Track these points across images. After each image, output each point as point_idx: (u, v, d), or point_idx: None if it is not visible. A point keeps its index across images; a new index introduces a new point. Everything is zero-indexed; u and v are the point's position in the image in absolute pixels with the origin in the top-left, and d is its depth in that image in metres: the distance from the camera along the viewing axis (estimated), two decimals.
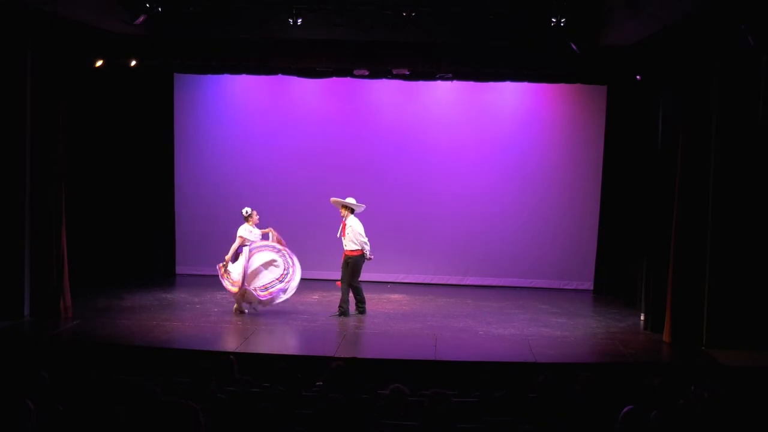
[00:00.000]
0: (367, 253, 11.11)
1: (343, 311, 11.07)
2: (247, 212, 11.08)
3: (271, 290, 10.96)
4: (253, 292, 10.87)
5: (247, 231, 11.01)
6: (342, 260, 11.25)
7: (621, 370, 8.86)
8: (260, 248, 11.05)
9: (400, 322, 11.02)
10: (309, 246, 13.10)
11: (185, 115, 13.92)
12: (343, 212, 11.21)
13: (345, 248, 11.17)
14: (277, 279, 10.99)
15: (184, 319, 10.80)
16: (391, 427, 5.02)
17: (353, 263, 11.13)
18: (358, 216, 11.26)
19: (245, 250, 10.92)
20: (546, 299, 12.73)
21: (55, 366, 6.80)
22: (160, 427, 4.35)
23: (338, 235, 11.24)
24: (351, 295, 11.25)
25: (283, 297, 11.05)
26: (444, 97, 13.65)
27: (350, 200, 11.25)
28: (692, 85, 9.91)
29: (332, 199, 11.39)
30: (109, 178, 13.38)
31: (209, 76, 13.30)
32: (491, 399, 6.12)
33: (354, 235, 11.06)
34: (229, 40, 11.14)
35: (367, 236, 11.23)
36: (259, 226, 11.16)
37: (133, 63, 11.43)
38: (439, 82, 12.86)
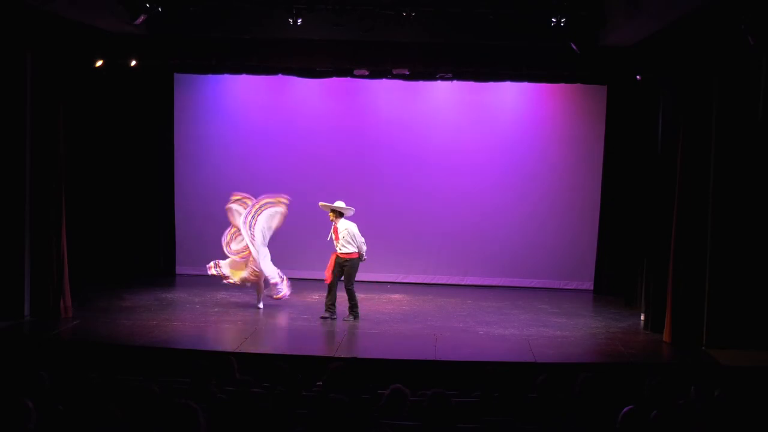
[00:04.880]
0: (364, 254, 10.97)
1: (354, 314, 10.97)
2: None
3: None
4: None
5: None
6: (331, 260, 11.01)
7: (621, 370, 8.86)
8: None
9: (400, 322, 11.02)
10: (308, 246, 13.11)
11: (185, 115, 13.91)
12: (332, 216, 10.98)
13: (338, 251, 10.94)
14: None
15: (184, 319, 10.81)
16: (391, 427, 5.02)
17: (349, 267, 10.90)
18: (350, 218, 11.06)
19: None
20: (546, 299, 12.73)
21: (55, 366, 6.80)
22: (160, 427, 4.36)
23: (329, 238, 11.04)
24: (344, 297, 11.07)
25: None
26: (444, 97, 13.65)
27: (339, 204, 11.01)
28: (692, 85, 9.92)
29: (321, 203, 11.25)
30: (110, 178, 13.39)
31: (209, 76, 13.29)
32: (491, 399, 6.11)
33: (350, 237, 10.85)
34: (229, 40, 11.15)
35: (366, 236, 11.15)
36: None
37: (133, 63, 11.43)
38: (439, 82, 12.86)
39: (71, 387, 5.82)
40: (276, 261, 11.45)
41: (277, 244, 11.68)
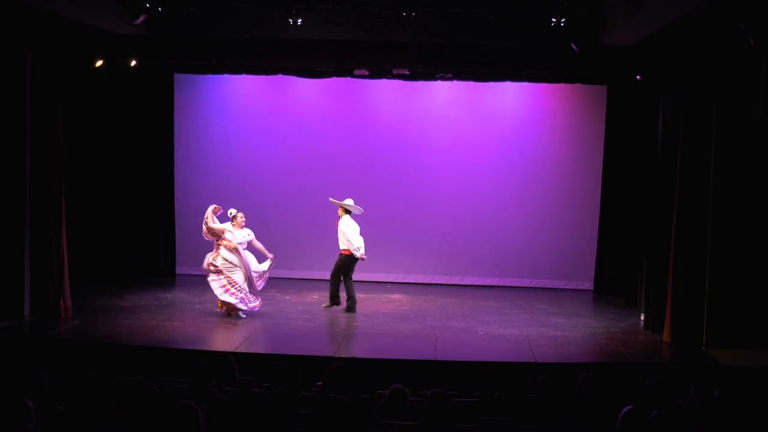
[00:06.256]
0: (357, 253, 11.24)
1: (350, 306, 11.36)
2: (231, 213, 10.94)
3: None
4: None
5: (229, 228, 10.91)
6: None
7: (621, 370, 8.86)
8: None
9: (400, 322, 11.03)
10: (308, 246, 13.12)
11: (185, 115, 13.91)
12: (340, 212, 11.41)
13: (339, 246, 11.43)
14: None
15: (184, 319, 10.81)
16: (391, 427, 5.02)
17: (341, 259, 11.37)
18: (356, 218, 11.40)
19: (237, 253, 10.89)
20: (546, 299, 12.72)
21: (55, 366, 6.80)
22: (160, 427, 4.36)
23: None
24: (344, 292, 11.48)
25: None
26: (444, 97, 13.65)
27: (347, 202, 11.38)
28: (692, 85, 9.92)
29: (330, 199, 11.47)
30: (110, 178, 13.39)
31: (209, 76, 13.30)
32: (491, 399, 6.12)
33: (341, 235, 11.31)
34: (229, 40, 11.15)
35: (366, 236, 11.37)
36: (251, 227, 11.08)
37: (133, 63, 11.43)
38: (439, 82, 12.86)
39: (71, 387, 5.82)
40: (276, 261, 11.43)
41: (277, 244, 11.69)
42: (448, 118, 13.71)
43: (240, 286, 10.75)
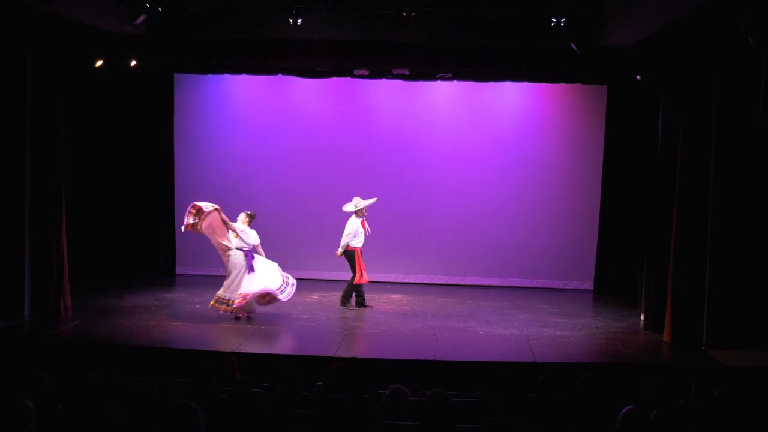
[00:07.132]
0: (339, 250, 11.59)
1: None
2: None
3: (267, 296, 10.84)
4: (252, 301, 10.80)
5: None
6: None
7: (621, 370, 8.86)
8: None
9: (400, 322, 11.03)
10: (309, 246, 13.12)
11: (185, 115, 13.91)
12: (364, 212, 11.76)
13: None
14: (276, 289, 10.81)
15: (184, 319, 10.81)
16: (391, 427, 5.02)
17: None
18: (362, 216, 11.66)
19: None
20: (546, 299, 12.72)
21: (55, 366, 6.80)
22: (160, 427, 4.36)
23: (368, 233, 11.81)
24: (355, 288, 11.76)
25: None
26: (444, 97, 13.64)
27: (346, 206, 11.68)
28: (692, 85, 9.92)
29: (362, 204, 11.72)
30: (110, 178, 13.39)
31: (209, 76, 13.29)
32: (491, 399, 6.12)
33: None
34: (229, 40, 11.15)
35: (366, 236, 11.63)
36: (252, 226, 11.00)
37: (133, 63, 11.43)
38: (439, 82, 12.86)
39: (71, 387, 5.82)
40: (276, 261, 11.43)
41: (277, 244, 11.69)
42: (448, 118, 13.70)
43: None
